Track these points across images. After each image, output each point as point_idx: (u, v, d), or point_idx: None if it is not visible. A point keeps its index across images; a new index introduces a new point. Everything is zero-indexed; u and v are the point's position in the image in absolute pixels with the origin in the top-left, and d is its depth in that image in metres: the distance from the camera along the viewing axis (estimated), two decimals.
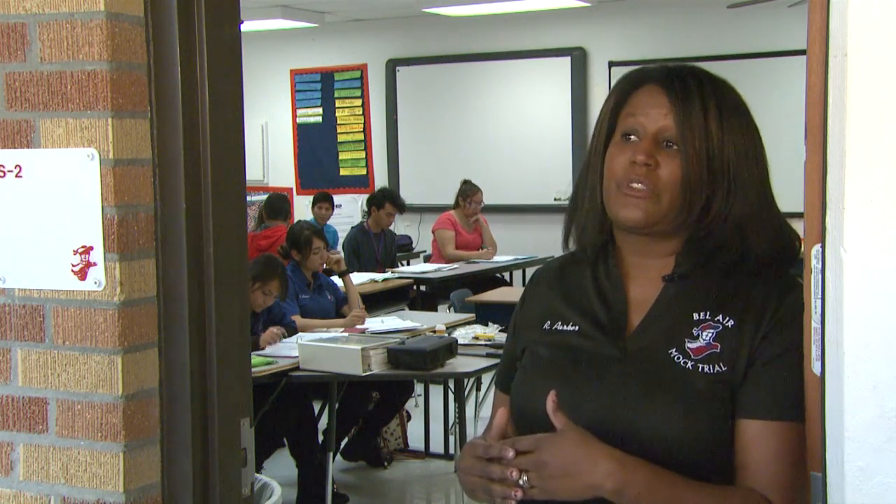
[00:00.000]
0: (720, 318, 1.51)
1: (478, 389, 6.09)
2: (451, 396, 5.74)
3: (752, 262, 1.53)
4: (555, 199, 9.77)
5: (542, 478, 1.41)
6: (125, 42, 1.68)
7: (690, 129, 1.50)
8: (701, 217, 1.53)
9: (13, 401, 1.76)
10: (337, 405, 5.05)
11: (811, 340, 1.33)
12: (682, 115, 1.51)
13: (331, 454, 5.04)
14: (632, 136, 1.54)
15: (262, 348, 4.98)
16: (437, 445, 6.11)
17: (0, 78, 1.72)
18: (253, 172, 10.71)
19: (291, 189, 10.95)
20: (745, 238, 1.52)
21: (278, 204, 8.29)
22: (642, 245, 1.59)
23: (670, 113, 1.52)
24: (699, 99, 1.51)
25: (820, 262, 1.26)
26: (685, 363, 1.50)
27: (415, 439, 6.19)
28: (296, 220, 7.56)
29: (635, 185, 1.51)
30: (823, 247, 1.24)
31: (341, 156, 11.10)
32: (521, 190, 9.96)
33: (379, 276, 7.50)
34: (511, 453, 1.43)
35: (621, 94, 1.59)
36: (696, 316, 1.53)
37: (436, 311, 7.74)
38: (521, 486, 1.42)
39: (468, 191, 8.67)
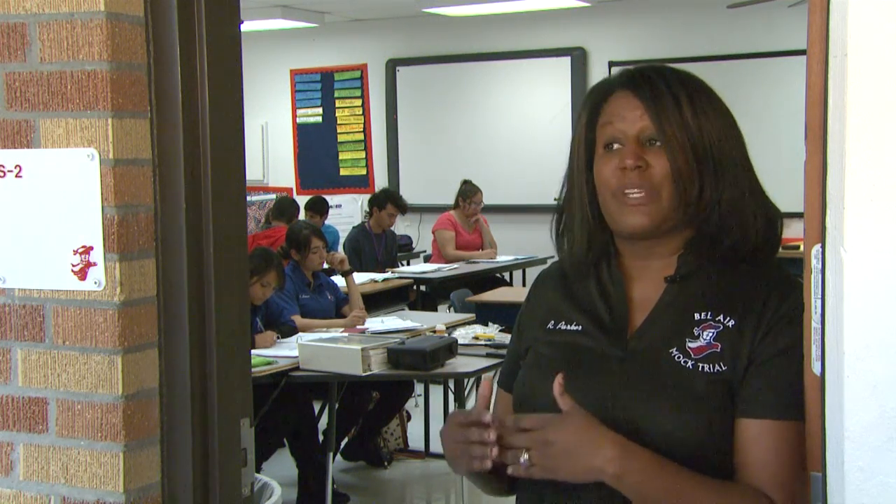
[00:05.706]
0: (721, 318, 1.52)
1: (478, 389, 6.08)
2: (451, 396, 5.74)
3: (749, 248, 1.54)
4: (555, 199, 9.62)
5: (544, 455, 1.43)
6: (125, 42, 1.68)
7: (668, 123, 1.53)
8: (698, 207, 1.54)
9: (13, 401, 1.76)
10: (337, 405, 5.05)
11: (811, 340, 1.33)
12: (657, 111, 1.53)
13: (331, 454, 5.04)
14: (615, 145, 1.57)
15: (254, 347, 4.98)
16: (437, 445, 6.10)
17: (0, 78, 1.72)
18: (253, 172, 10.70)
19: (291, 189, 10.97)
20: (743, 218, 1.54)
21: (286, 205, 8.32)
22: (644, 249, 1.60)
23: (645, 112, 1.54)
24: (668, 92, 1.54)
25: (820, 262, 1.26)
26: (686, 363, 1.51)
27: (415, 439, 6.19)
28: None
29: (633, 194, 1.53)
30: (823, 247, 1.24)
31: (341, 156, 11.09)
32: (521, 190, 9.95)
33: (379, 277, 7.49)
34: (488, 416, 1.46)
35: (592, 107, 1.62)
36: (697, 316, 1.54)
37: (436, 311, 7.74)
38: (520, 463, 1.44)
39: (468, 191, 8.67)
